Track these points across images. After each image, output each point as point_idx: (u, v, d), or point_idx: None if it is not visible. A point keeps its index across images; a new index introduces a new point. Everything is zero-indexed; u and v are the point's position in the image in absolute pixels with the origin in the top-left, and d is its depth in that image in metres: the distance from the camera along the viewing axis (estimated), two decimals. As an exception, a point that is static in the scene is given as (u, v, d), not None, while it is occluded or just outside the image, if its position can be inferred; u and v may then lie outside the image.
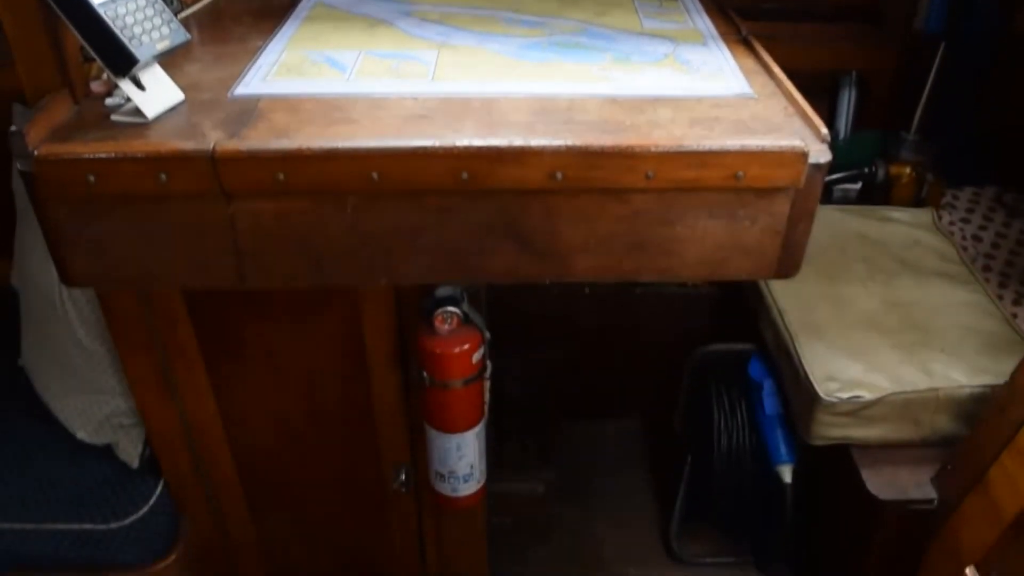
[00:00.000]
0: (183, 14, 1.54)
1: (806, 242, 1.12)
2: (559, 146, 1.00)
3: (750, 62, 1.33)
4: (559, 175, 1.01)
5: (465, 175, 1.01)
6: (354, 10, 1.55)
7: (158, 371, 1.60)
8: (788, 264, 1.13)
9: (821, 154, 1.05)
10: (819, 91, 2.44)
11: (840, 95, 2.42)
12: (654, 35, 1.42)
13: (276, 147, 1.02)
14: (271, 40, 1.41)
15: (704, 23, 1.47)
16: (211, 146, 1.02)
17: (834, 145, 1.06)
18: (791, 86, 1.21)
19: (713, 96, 1.19)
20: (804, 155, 1.03)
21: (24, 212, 1.98)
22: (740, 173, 1.03)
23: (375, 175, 1.02)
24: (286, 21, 1.50)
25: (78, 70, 1.21)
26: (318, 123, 1.11)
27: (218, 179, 1.03)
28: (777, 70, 1.28)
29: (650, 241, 1.09)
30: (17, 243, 2.04)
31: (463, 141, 1.01)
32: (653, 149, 1.01)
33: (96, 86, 1.25)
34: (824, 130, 1.09)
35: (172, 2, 1.44)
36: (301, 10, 1.55)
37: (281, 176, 1.02)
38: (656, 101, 1.17)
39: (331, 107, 1.16)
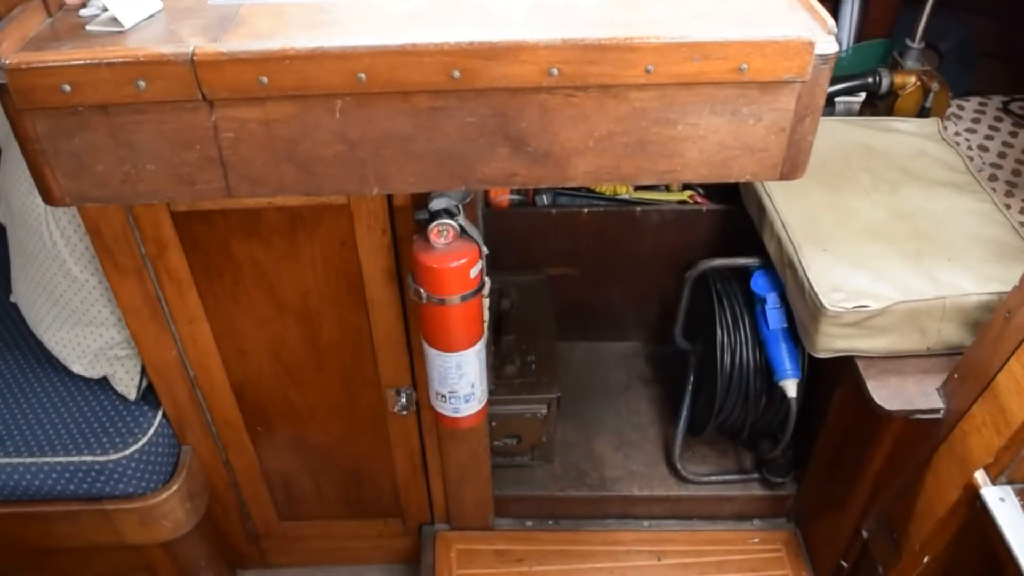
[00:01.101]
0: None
1: (812, 140, 1.08)
2: (554, 40, 0.96)
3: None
4: (555, 71, 0.97)
5: (457, 73, 0.97)
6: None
7: (150, 299, 1.57)
8: (794, 163, 1.09)
9: (828, 45, 1.00)
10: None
11: (842, 5, 2.36)
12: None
13: (258, 48, 0.97)
14: (251, -53, 1.35)
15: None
16: (190, 50, 0.97)
17: (838, 57, 1.02)
18: (799, -6, 1.16)
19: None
20: (811, 45, 0.98)
21: (6, 144, 1.94)
22: (744, 65, 0.98)
23: (362, 75, 0.97)
24: (267, -72, 1.43)
25: (52, -16, 1.16)
26: (303, 25, 1.06)
27: (198, 84, 0.99)
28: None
29: (651, 141, 1.05)
30: (1, 177, 2.00)
31: (453, 37, 0.96)
32: (653, 40, 0.96)
33: (70, -2, 1.20)
34: (831, 22, 1.04)
35: (147, -90, 1.38)
36: (282, -83, 1.48)
37: (264, 79, 0.98)
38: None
39: (316, 10, 1.10)
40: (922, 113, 2.16)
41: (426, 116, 1.02)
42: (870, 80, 2.11)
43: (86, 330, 1.80)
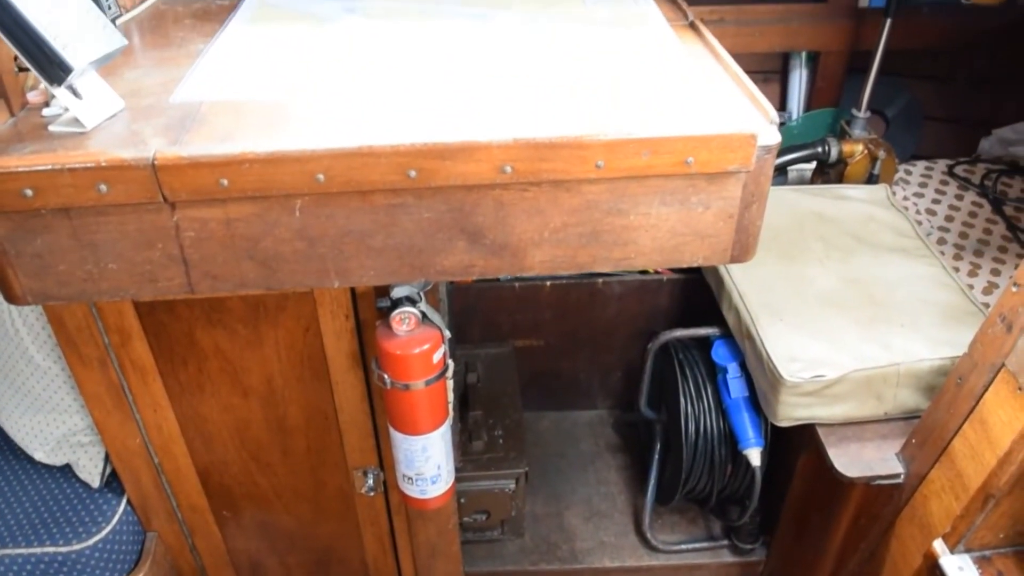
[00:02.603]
0: (123, 18, 1.50)
1: (760, 224, 1.12)
2: (507, 139, 0.99)
3: (698, 46, 1.33)
4: (508, 168, 1.00)
5: (413, 173, 1.00)
6: (298, 8, 1.52)
7: (114, 386, 1.56)
8: (743, 247, 1.13)
9: (770, 136, 1.04)
10: (771, 71, 2.46)
11: (791, 75, 2.44)
12: (603, 23, 1.41)
13: (217, 152, 0.99)
14: (213, 42, 1.38)
15: (652, 8, 1.47)
16: (151, 154, 0.99)
17: (787, 125, 1.06)
18: (738, 69, 1.21)
19: (661, 81, 1.18)
20: (753, 137, 1.02)
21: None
22: (690, 159, 1.02)
23: (321, 176, 1.00)
24: (228, 22, 1.47)
25: (13, 81, 1.18)
26: (261, 125, 1.08)
27: (160, 187, 1.01)
28: (724, 53, 1.27)
29: (604, 231, 1.08)
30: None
31: (408, 138, 0.99)
32: (602, 138, 1.00)
33: (33, 96, 1.22)
34: (772, 112, 1.08)
35: (110, 7, 1.41)
36: (244, 10, 1.52)
37: (224, 182, 1.00)
38: (604, 87, 1.16)
39: (275, 108, 1.13)
40: (871, 179, 2.23)
41: (384, 213, 1.04)
42: (820, 150, 2.18)
43: (48, 417, 1.79)
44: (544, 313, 2.23)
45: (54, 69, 1.08)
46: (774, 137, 1.05)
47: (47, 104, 1.18)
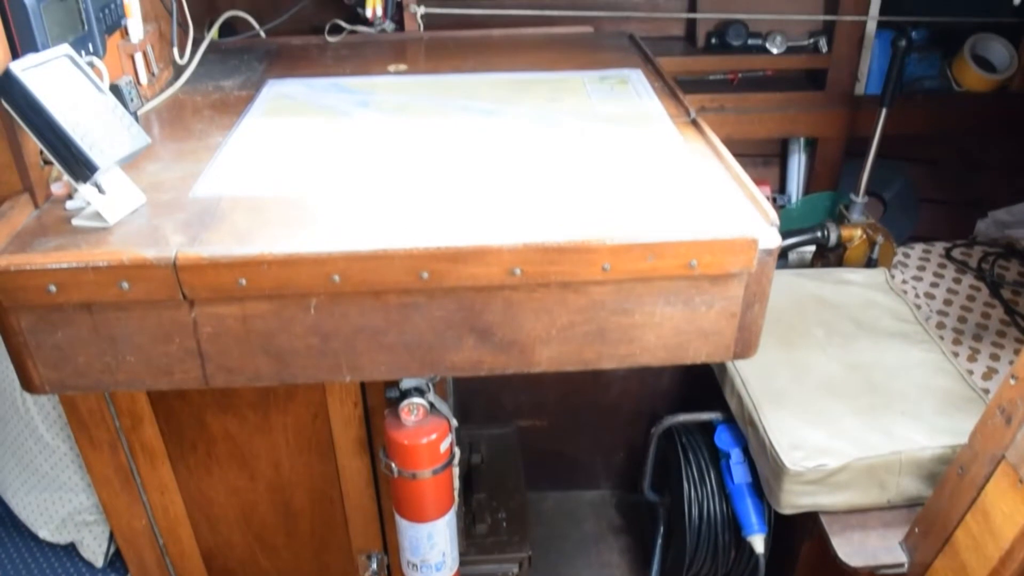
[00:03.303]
0: (144, 108, 1.55)
1: (762, 323, 1.15)
2: (516, 244, 1.03)
3: (700, 144, 1.37)
4: (518, 271, 1.04)
5: (425, 274, 1.03)
6: (313, 101, 1.57)
7: (122, 468, 1.58)
8: (745, 344, 1.16)
9: (771, 239, 1.08)
10: (770, 156, 2.51)
11: (790, 160, 2.50)
12: (607, 118, 1.45)
13: (237, 253, 1.03)
14: (230, 135, 1.43)
15: (655, 105, 1.52)
16: (173, 253, 1.03)
17: (786, 208, 1.09)
18: (740, 170, 1.25)
19: (665, 181, 1.22)
20: (755, 242, 1.06)
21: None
22: (694, 262, 1.06)
23: (336, 277, 1.03)
24: (245, 114, 1.52)
25: (39, 174, 1.22)
26: (279, 223, 1.12)
27: (180, 286, 1.04)
28: (725, 152, 1.31)
29: (610, 330, 1.11)
30: (-26, 337, 2.02)
31: (422, 242, 1.02)
32: (608, 242, 1.03)
33: (57, 188, 1.26)
34: (773, 214, 1.12)
35: (132, 99, 1.45)
36: (260, 103, 1.57)
37: (243, 281, 1.03)
38: (609, 187, 1.20)
39: (291, 205, 1.17)
40: (870, 263, 2.27)
41: (396, 311, 1.07)
42: (819, 234, 2.23)
43: (55, 495, 1.80)
44: (547, 393, 2.25)
45: (81, 168, 1.12)
46: (775, 240, 1.08)
47: (70, 196, 1.22)
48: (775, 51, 2.25)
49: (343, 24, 1.93)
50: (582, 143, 1.36)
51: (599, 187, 1.20)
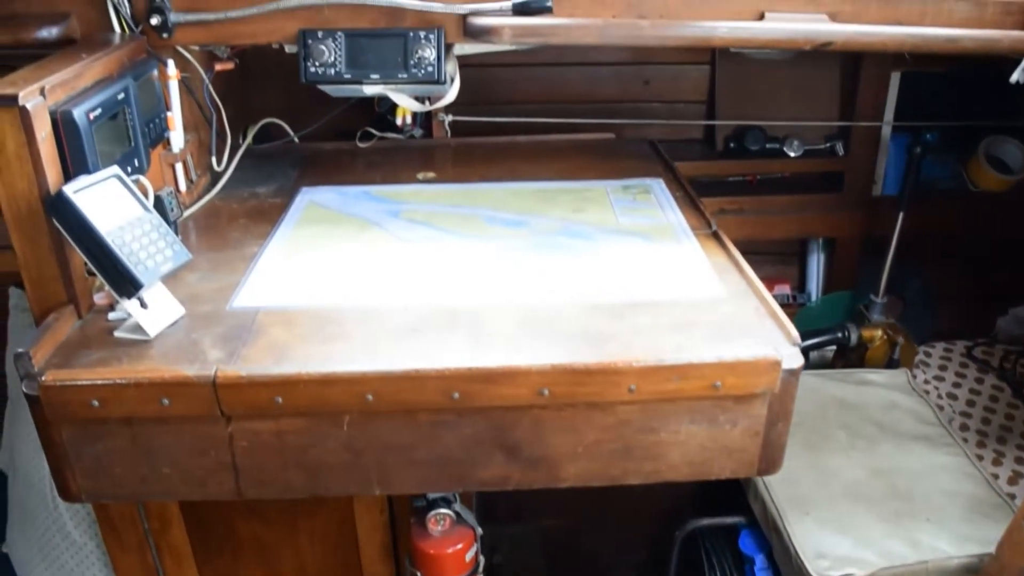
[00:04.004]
0: (183, 216, 1.61)
1: (786, 440, 1.17)
2: (545, 365, 1.06)
3: (721, 258, 1.40)
4: (546, 391, 1.07)
5: (456, 395, 1.06)
6: (345, 210, 1.63)
7: (149, 570, 1.59)
8: (770, 461, 1.18)
9: (794, 359, 1.11)
10: (790, 255, 2.55)
11: (809, 259, 2.53)
12: (630, 231, 1.50)
13: (274, 372, 1.07)
14: (266, 245, 1.48)
15: (676, 217, 1.56)
16: (212, 372, 1.07)
17: (806, 307, 1.12)
18: (761, 285, 1.28)
19: (688, 299, 1.26)
20: (778, 363, 1.09)
21: (17, 398, 2.00)
22: (718, 383, 1.08)
23: (370, 396, 1.06)
24: (280, 224, 1.57)
25: (83, 285, 1.27)
26: (314, 339, 1.16)
27: (218, 403, 1.07)
28: (747, 267, 1.35)
29: (635, 447, 1.13)
30: (7, 426, 2.06)
31: (454, 363, 1.06)
32: (635, 365, 1.06)
33: (99, 298, 1.30)
34: (795, 333, 1.15)
35: (172, 209, 1.51)
36: (294, 211, 1.63)
37: (279, 399, 1.07)
38: (635, 306, 1.24)
39: (326, 320, 1.22)
40: (891, 364, 2.28)
41: (427, 429, 1.10)
42: (840, 335, 2.24)
43: (79, 593, 1.81)
44: (570, 492, 2.24)
45: (126, 286, 1.17)
46: (797, 360, 1.11)
47: (112, 307, 1.27)
48: (792, 155, 2.31)
49: (373, 131, 2.00)
50: (606, 259, 1.39)
51: (624, 305, 1.23)
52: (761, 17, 1.49)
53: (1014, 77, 1.74)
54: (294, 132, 2.01)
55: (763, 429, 1.14)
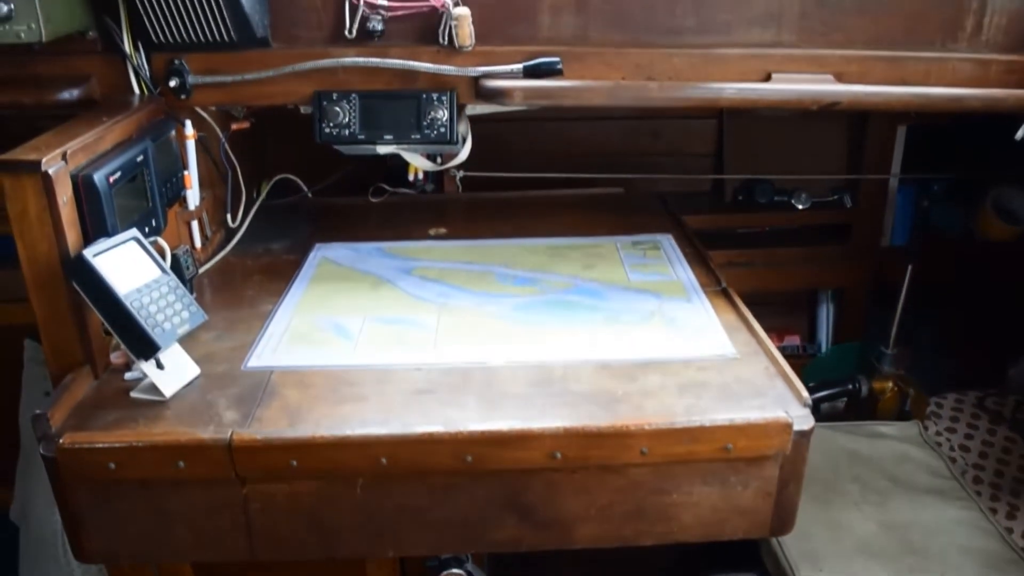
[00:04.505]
0: (198, 273, 1.63)
1: (798, 500, 1.17)
2: (557, 428, 1.07)
3: (731, 316, 1.42)
4: (558, 455, 1.07)
5: (469, 458, 1.07)
6: (358, 267, 1.65)
7: (161, 629, 1.59)
8: (782, 522, 1.18)
9: (804, 421, 1.12)
10: (799, 306, 2.56)
11: (819, 310, 2.54)
12: (640, 289, 1.51)
13: (289, 436, 1.08)
14: (280, 303, 1.50)
15: (686, 274, 1.57)
16: (228, 435, 1.08)
17: (816, 358, 1.12)
18: (771, 344, 1.29)
19: (699, 358, 1.27)
20: (789, 426, 1.09)
21: (29, 451, 2.01)
22: (729, 445, 1.09)
23: (384, 460, 1.07)
24: (294, 281, 1.59)
25: (100, 344, 1.28)
26: (328, 400, 1.17)
27: (234, 466, 1.08)
28: (756, 326, 1.36)
29: (648, 509, 1.13)
30: (19, 479, 2.06)
31: (467, 426, 1.07)
32: (647, 427, 1.07)
33: (116, 357, 1.32)
34: (805, 393, 1.16)
35: (188, 267, 1.53)
36: (308, 268, 1.65)
37: (294, 462, 1.08)
38: (646, 366, 1.25)
39: (340, 380, 1.23)
40: (902, 415, 2.28)
41: (440, 492, 1.11)
42: (850, 387, 2.25)
43: (88, 649, 1.80)
44: (581, 549, 2.23)
45: (144, 347, 1.19)
46: (808, 422, 1.12)
47: (128, 366, 1.28)
48: (800, 207, 2.33)
49: (385, 187, 2.03)
50: (617, 318, 1.41)
51: (635, 365, 1.25)
52: (768, 77, 1.52)
53: (1019, 135, 1.76)
54: (307, 187, 2.04)
55: (775, 490, 1.14)
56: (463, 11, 1.47)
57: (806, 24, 1.54)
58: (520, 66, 1.49)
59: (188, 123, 1.63)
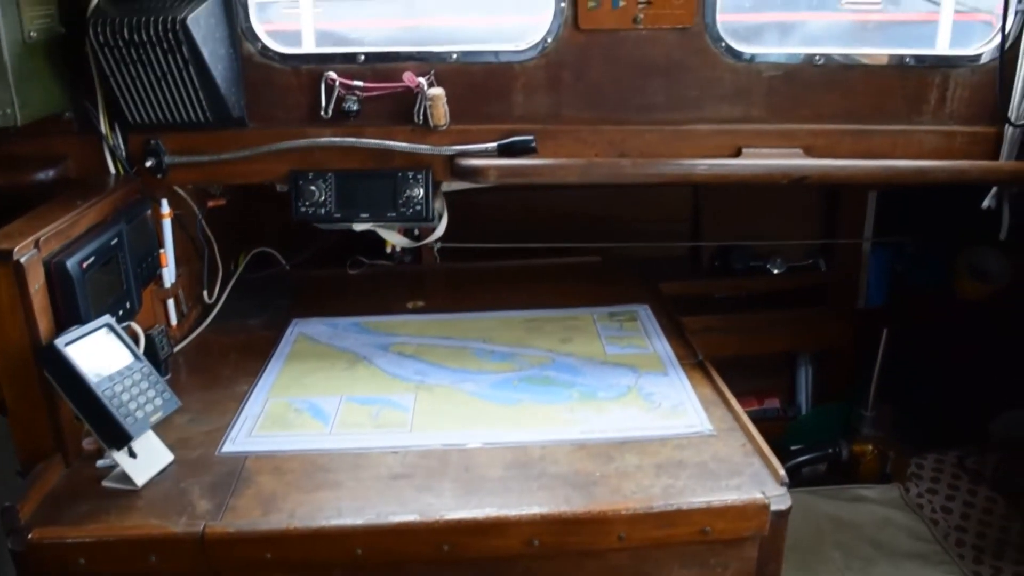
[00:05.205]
0: (174, 351, 1.61)
1: (778, 579, 1.16)
2: (535, 515, 1.06)
3: (707, 390, 1.42)
4: (536, 542, 1.07)
5: (446, 547, 1.06)
6: (335, 343, 1.64)
7: None
8: (764, 599, 1.17)
9: (782, 500, 1.11)
10: (778, 369, 2.56)
11: (798, 373, 2.54)
12: (617, 363, 1.51)
13: (263, 528, 1.06)
14: (256, 383, 1.49)
15: (663, 346, 1.58)
16: (200, 528, 1.06)
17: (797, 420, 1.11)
18: (747, 419, 1.29)
19: (676, 435, 1.27)
20: (766, 507, 1.09)
21: None
22: (707, 528, 1.09)
23: (359, 551, 1.06)
24: (270, 359, 1.58)
25: (71, 431, 1.26)
26: (303, 487, 1.16)
27: (207, 559, 1.07)
28: (733, 400, 1.36)
29: (629, 591, 1.12)
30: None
31: (444, 515, 1.06)
32: (624, 512, 1.07)
33: (87, 443, 1.30)
34: (782, 471, 1.16)
35: (163, 347, 1.52)
36: (284, 345, 1.64)
37: (268, 555, 1.06)
38: (623, 445, 1.24)
39: (315, 465, 1.22)
40: (883, 478, 2.27)
41: (417, 582, 1.10)
42: (831, 451, 2.24)
43: None
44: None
45: (116, 437, 1.17)
46: (785, 502, 1.11)
47: (100, 453, 1.26)
48: (776, 271, 2.34)
49: (363, 260, 2.03)
50: (594, 395, 1.40)
51: (612, 444, 1.24)
52: (738, 152, 1.55)
53: (985, 203, 1.79)
54: (286, 260, 2.04)
55: (754, 570, 1.14)
56: (438, 91, 1.49)
57: (774, 100, 1.57)
58: (495, 144, 1.51)
59: (164, 202, 1.64)
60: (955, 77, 1.63)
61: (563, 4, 1.51)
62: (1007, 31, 1.55)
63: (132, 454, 1.20)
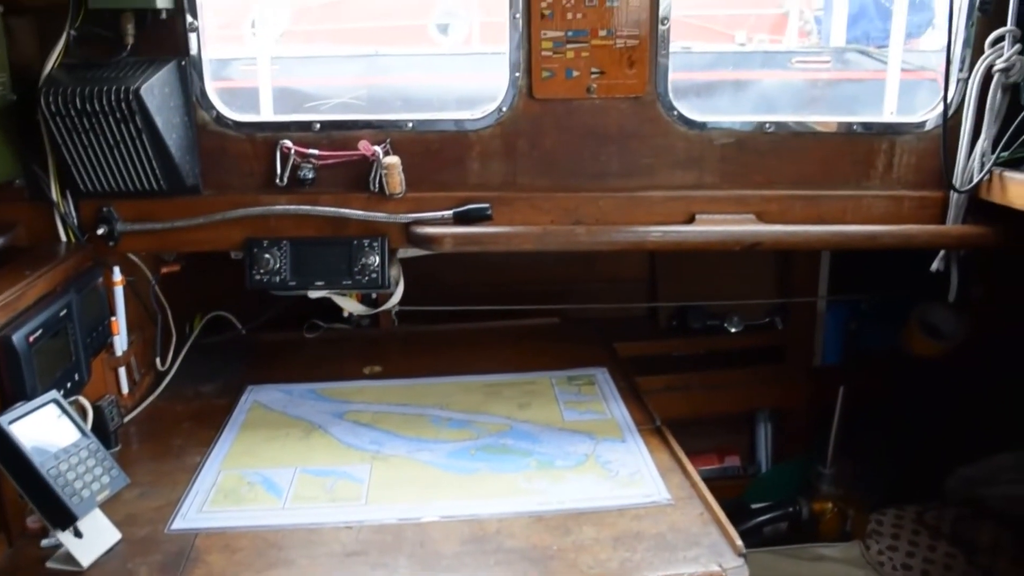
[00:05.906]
0: (125, 420, 1.58)
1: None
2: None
3: (665, 456, 1.41)
4: (494, 621, 1.05)
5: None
6: (290, 412, 1.62)
7: None
8: None
9: (739, 572, 1.11)
10: (737, 426, 2.57)
11: (757, 430, 2.55)
12: (574, 430, 1.51)
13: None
14: (209, 454, 1.46)
15: (620, 412, 1.58)
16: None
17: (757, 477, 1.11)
18: (704, 488, 1.29)
19: (633, 505, 1.26)
20: (723, 578, 1.08)
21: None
22: (666, 603, 1.07)
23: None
24: (224, 428, 1.55)
25: (15, 509, 1.23)
26: (254, 566, 1.14)
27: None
28: (690, 467, 1.36)
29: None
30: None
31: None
32: (579, 589, 1.05)
33: (32, 521, 1.26)
34: (739, 542, 1.15)
35: (113, 418, 1.49)
36: (239, 414, 1.62)
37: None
38: (580, 516, 1.23)
39: (267, 543, 1.19)
40: (844, 535, 2.27)
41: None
42: (791, 510, 2.25)
43: None
44: None
45: (61, 517, 1.14)
46: (743, 574, 1.11)
47: (45, 532, 1.23)
48: (733, 330, 2.36)
49: (319, 323, 2.01)
50: (551, 464, 1.39)
51: (569, 516, 1.23)
52: (692, 218, 1.57)
53: (934, 267, 1.83)
54: (241, 324, 2.01)
55: (720, 643, 1.13)
56: (393, 160, 1.50)
57: (727, 167, 1.60)
58: (451, 212, 1.51)
59: (116, 269, 1.62)
60: (901, 144, 1.67)
61: (518, 74, 1.53)
62: (949, 99, 1.59)
63: (78, 534, 1.16)
